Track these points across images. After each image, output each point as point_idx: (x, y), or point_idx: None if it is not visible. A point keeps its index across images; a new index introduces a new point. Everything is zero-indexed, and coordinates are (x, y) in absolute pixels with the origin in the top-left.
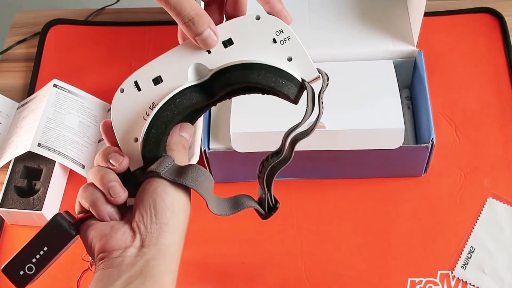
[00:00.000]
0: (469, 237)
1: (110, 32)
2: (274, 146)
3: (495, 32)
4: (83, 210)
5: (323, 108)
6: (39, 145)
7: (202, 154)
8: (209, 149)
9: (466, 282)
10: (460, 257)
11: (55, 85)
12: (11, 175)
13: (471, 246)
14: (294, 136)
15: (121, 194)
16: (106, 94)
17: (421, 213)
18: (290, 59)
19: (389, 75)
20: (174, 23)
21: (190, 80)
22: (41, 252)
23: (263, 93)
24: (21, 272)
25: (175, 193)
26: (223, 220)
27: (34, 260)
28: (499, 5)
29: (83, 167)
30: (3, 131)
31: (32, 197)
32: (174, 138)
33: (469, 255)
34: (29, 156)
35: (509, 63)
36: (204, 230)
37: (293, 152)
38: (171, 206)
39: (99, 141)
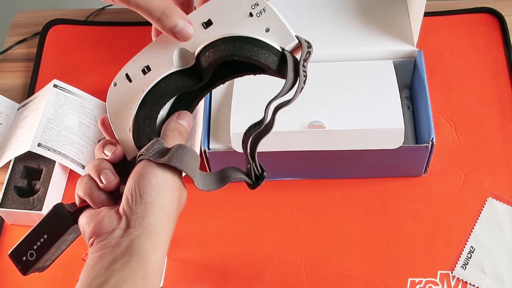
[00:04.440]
0: (469, 237)
1: (110, 32)
2: (274, 146)
3: (495, 32)
4: (82, 201)
5: (304, 77)
6: (39, 145)
7: (202, 154)
8: (209, 149)
9: (466, 282)
10: (460, 257)
11: (55, 85)
12: (11, 175)
13: (471, 246)
14: (276, 105)
15: (112, 179)
16: (106, 94)
17: (421, 213)
18: (267, 30)
19: (389, 75)
20: None
21: (176, 66)
22: (42, 240)
23: (254, 73)
24: (24, 258)
25: (161, 174)
26: (223, 220)
27: (35, 247)
28: (499, 5)
29: (83, 167)
30: (3, 132)
31: (32, 197)
32: (171, 124)
33: (469, 255)
34: (29, 156)
35: (509, 63)
36: (204, 230)
37: (274, 120)
38: (156, 186)
39: (99, 141)
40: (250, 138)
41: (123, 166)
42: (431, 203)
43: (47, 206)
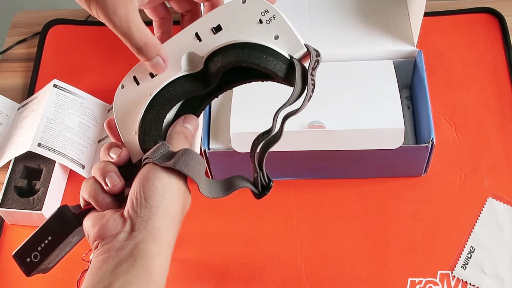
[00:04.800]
0: (469, 237)
1: (110, 32)
2: (274, 146)
3: (495, 32)
4: (86, 203)
5: (312, 85)
6: (39, 145)
7: (202, 154)
8: (209, 149)
9: (466, 282)
10: (460, 257)
11: (55, 85)
12: (11, 175)
13: (471, 246)
14: (284, 115)
15: (117, 182)
16: (106, 94)
17: (421, 213)
18: (276, 37)
19: (389, 75)
20: (174, 23)
21: (185, 70)
22: (46, 241)
23: (262, 80)
24: (28, 260)
25: (166, 178)
26: (223, 220)
27: (39, 248)
28: (499, 5)
29: (83, 167)
30: (3, 132)
31: (32, 197)
32: (176, 128)
33: (469, 255)
34: (29, 156)
35: (509, 63)
36: (204, 230)
37: (283, 129)
38: (161, 190)
39: (99, 141)
40: (259, 147)
41: (128, 169)
42: (431, 203)
43: (47, 206)
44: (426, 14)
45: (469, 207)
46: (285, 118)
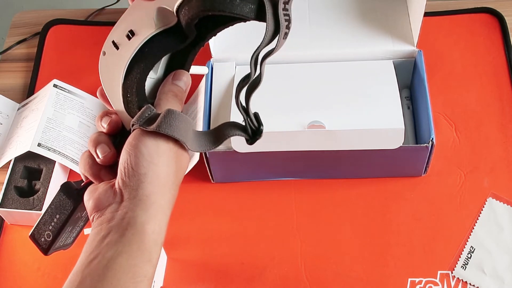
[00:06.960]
0: (469, 237)
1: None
2: (274, 146)
3: (495, 32)
4: (86, 177)
5: (287, 21)
6: (39, 145)
7: (202, 154)
8: None
9: (466, 282)
10: (460, 257)
11: (55, 85)
12: (11, 175)
13: (471, 246)
14: (262, 56)
15: (107, 152)
16: None
17: (421, 213)
18: None
19: (389, 75)
20: None
21: (159, 26)
22: (55, 220)
23: (244, 21)
24: (42, 239)
25: (153, 143)
26: (223, 220)
27: (50, 227)
28: (499, 5)
29: None
30: (3, 132)
31: (32, 197)
32: (165, 87)
33: (469, 255)
34: (29, 156)
35: (509, 63)
36: (204, 230)
37: (263, 71)
38: (148, 156)
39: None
40: (241, 92)
41: (123, 138)
42: (431, 203)
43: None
44: (426, 14)
45: (469, 207)
46: (263, 59)
